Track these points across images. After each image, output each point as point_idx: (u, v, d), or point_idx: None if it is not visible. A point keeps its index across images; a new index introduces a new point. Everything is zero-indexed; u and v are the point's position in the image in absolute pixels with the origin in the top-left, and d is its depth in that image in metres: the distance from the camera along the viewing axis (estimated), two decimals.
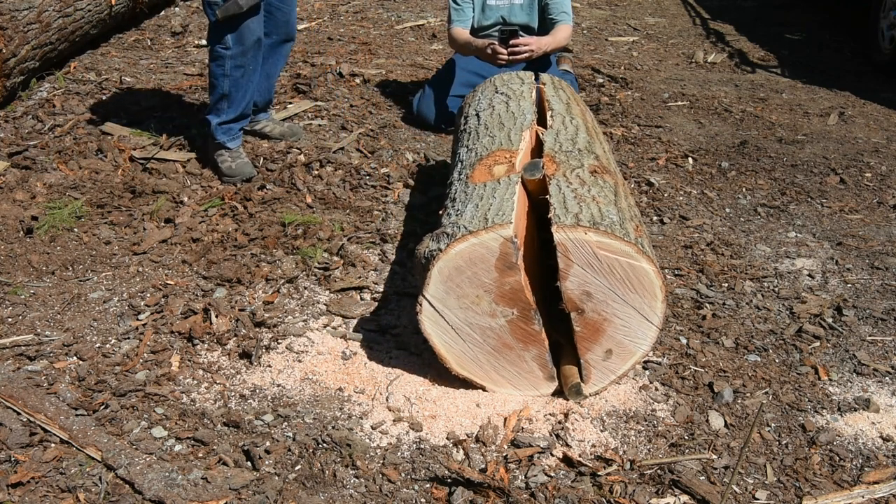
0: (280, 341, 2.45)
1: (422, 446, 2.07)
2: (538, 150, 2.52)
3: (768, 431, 2.18)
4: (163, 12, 5.67)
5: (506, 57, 3.81)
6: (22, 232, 2.98)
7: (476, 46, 3.95)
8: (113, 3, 4.79)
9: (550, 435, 2.10)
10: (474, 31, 4.10)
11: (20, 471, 1.93)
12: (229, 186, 3.35)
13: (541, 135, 2.55)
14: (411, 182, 3.51)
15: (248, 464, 2.01)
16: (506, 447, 2.07)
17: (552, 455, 2.04)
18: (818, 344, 2.54)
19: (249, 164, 3.45)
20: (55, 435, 2.05)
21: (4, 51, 3.73)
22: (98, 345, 2.43)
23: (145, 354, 2.39)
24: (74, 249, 2.93)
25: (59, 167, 3.42)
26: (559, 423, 2.15)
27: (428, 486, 1.96)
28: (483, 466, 2.00)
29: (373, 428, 2.13)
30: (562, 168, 2.31)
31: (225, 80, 3.30)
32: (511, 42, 3.79)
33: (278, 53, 3.61)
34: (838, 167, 3.84)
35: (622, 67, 5.22)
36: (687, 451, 2.08)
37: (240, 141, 3.50)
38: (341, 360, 2.40)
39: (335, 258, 2.91)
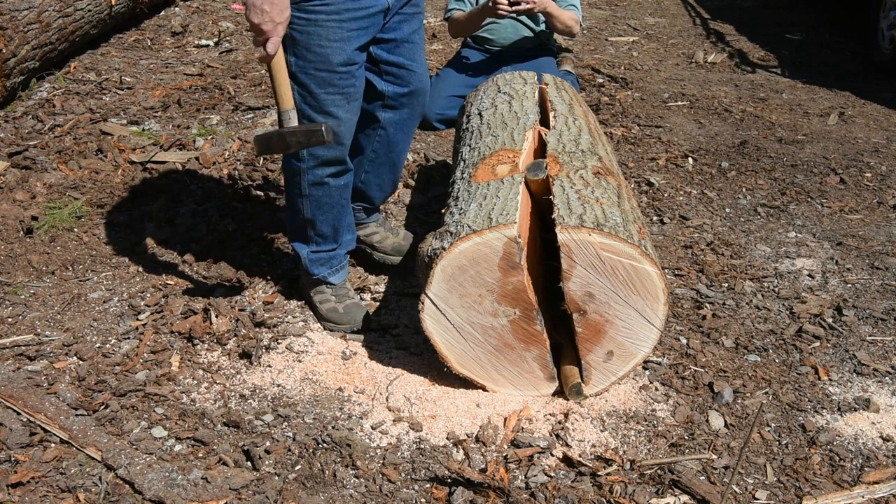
0: (280, 341, 2.45)
1: (422, 446, 2.07)
2: (541, 150, 2.52)
3: (768, 431, 2.17)
4: (163, 12, 5.66)
5: (507, 7, 3.79)
6: (22, 232, 2.98)
7: (477, 10, 3.94)
8: (113, 3, 4.79)
9: (550, 435, 2.10)
10: None
11: (20, 471, 1.93)
12: (229, 188, 3.35)
13: (544, 135, 2.55)
14: (411, 182, 3.51)
15: (248, 464, 2.01)
16: (506, 447, 2.06)
17: (552, 455, 2.04)
18: (818, 344, 2.54)
19: (360, 304, 2.56)
20: (55, 435, 2.05)
21: (4, 51, 3.73)
22: (98, 345, 2.43)
23: (145, 354, 2.39)
24: (74, 249, 2.92)
25: (59, 167, 3.42)
26: (559, 423, 2.14)
27: (428, 486, 1.95)
28: (483, 466, 2.00)
29: (373, 428, 2.13)
30: (565, 169, 2.30)
31: (303, 201, 2.42)
32: None
33: (407, 133, 2.65)
34: (838, 167, 3.84)
35: (622, 67, 5.22)
36: (687, 451, 2.08)
37: (345, 273, 2.62)
38: (341, 360, 2.40)
39: None
